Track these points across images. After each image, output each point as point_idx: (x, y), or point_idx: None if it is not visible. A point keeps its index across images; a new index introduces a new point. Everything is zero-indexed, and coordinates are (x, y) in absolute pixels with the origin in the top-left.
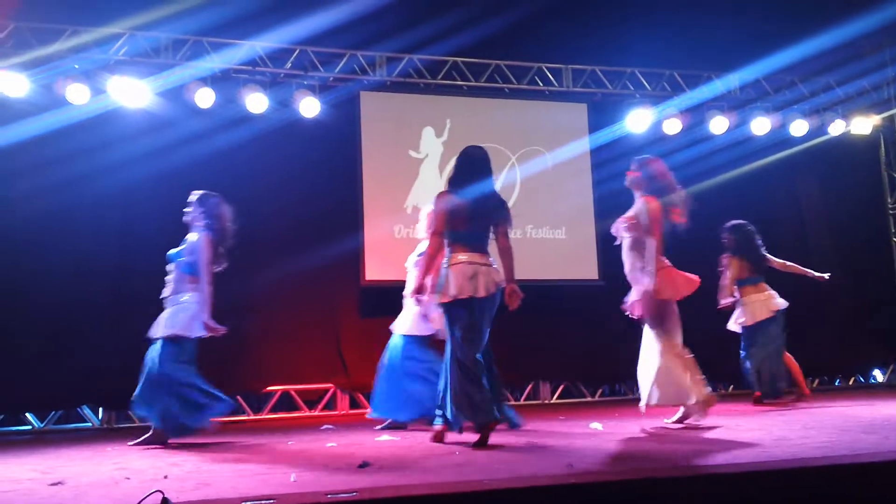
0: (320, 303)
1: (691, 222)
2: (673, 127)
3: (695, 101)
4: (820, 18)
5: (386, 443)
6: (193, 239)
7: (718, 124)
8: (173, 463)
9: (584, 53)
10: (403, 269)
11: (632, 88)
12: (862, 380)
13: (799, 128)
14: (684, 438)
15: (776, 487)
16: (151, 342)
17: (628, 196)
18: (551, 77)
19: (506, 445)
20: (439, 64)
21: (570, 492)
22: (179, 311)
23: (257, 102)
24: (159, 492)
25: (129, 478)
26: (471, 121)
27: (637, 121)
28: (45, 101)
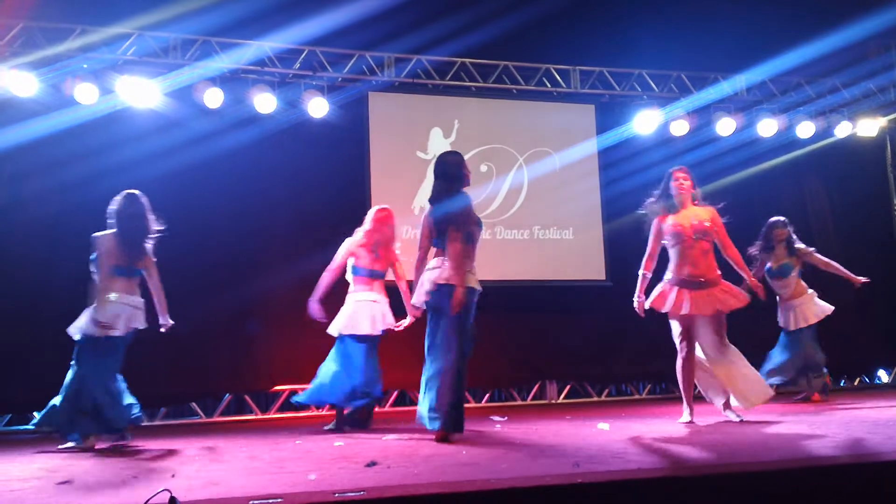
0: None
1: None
2: (680, 128)
3: (702, 102)
4: (826, 20)
5: (393, 442)
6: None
7: (725, 126)
8: (181, 462)
9: (591, 55)
10: (411, 270)
11: (639, 90)
12: (867, 380)
13: (805, 129)
14: (690, 438)
15: (778, 487)
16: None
17: (635, 197)
18: (559, 78)
19: (512, 445)
20: (447, 65)
21: (577, 492)
22: (85, 312)
23: (266, 103)
24: (167, 490)
25: (136, 477)
26: (479, 122)
27: (644, 122)
28: (54, 100)
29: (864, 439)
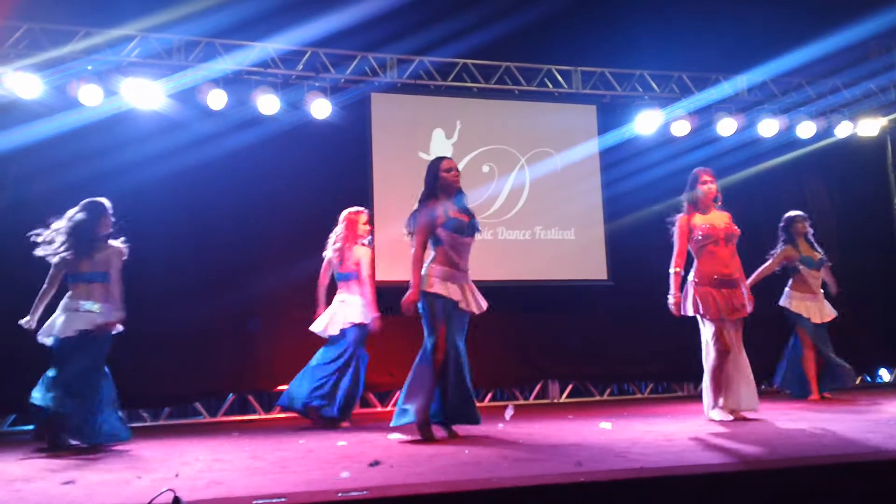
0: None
1: None
2: (681, 129)
3: (703, 103)
4: (827, 20)
5: (396, 441)
6: None
7: (726, 126)
8: (184, 462)
9: (593, 56)
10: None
11: (640, 90)
12: (869, 379)
13: (806, 130)
14: (692, 438)
15: (779, 487)
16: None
17: (637, 197)
18: (560, 79)
19: (515, 445)
20: (449, 66)
21: (579, 491)
22: None
23: (269, 104)
24: (171, 490)
25: (140, 476)
26: (480, 122)
27: (646, 122)
28: (58, 102)
29: (865, 438)
